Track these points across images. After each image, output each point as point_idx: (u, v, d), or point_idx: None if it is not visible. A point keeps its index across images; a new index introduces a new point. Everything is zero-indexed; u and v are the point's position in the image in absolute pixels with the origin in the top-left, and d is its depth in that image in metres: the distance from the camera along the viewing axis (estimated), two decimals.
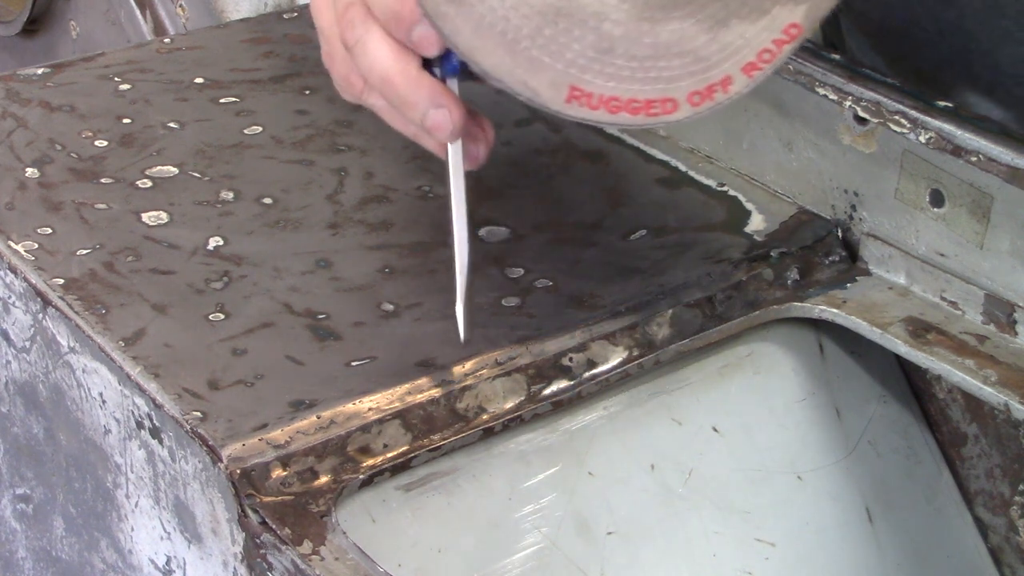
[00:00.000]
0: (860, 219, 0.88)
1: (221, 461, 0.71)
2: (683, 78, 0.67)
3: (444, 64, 0.72)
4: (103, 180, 0.91)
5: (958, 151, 0.80)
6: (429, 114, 0.72)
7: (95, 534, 0.84)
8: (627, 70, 0.67)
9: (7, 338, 0.86)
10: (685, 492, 0.83)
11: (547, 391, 0.78)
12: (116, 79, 1.02)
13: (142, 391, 0.75)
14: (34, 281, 0.82)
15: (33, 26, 1.71)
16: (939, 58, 0.84)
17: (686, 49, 0.66)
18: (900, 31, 0.91)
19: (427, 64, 0.72)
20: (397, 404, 0.75)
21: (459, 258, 0.75)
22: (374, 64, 0.72)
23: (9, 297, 0.85)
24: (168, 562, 0.78)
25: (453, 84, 0.73)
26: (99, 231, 0.86)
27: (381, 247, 0.86)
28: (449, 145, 0.74)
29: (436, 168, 0.94)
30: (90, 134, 0.96)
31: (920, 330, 0.82)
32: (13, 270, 0.83)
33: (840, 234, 0.89)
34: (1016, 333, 0.81)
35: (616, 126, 0.67)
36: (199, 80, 1.02)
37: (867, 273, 0.88)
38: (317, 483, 0.72)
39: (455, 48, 0.68)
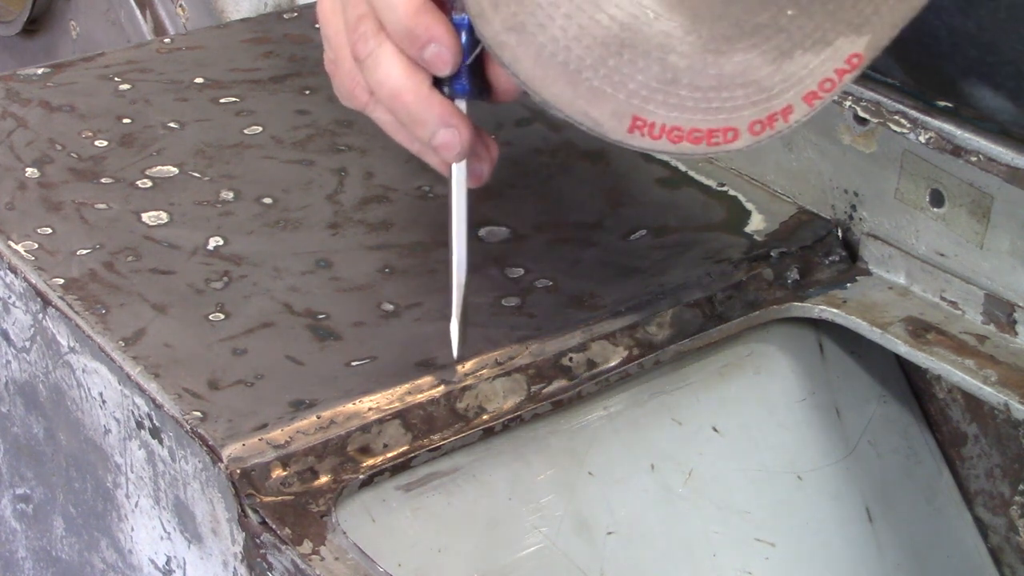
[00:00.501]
0: (860, 219, 0.88)
1: (221, 461, 0.71)
2: (746, 108, 0.67)
3: (454, 84, 0.72)
4: (103, 180, 0.91)
5: (958, 151, 0.80)
6: (439, 133, 0.72)
7: (95, 534, 0.84)
8: (690, 100, 0.66)
9: (7, 338, 0.86)
10: (685, 492, 0.83)
11: (547, 391, 0.78)
12: (116, 79, 1.02)
13: (142, 391, 0.75)
14: (34, 281, 0.82)
15: (33, 26, 1.71)
16: (958, 68, 0.84)
17: (750, 80, 0.66)
18: (917, 41, 0.91)
19: (439, 83, 0.72)
20: (397, 404, 0.75)
21: (456, 275, 0.75)
22: (385, 80, 0.72)
23: (9, 297, 0.85)
24: (168, 562, 0.78)
25: (462, 104, 0.73)
26: (99, 231, 0.86)
27: (381, 247, 0.86)
28: (454, 164, 0.74)
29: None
30: (90, 134, 0.96)
31: (920, 330, 0.82)
32: (13, 270, 0.83)
33: (840, 234, 0.89)
34: (1016, 333, 0.81)
35: (677, 155, 0.67)
36: (199, 80, 1.02)
37: (867, 273, 0.88)
38: (317, 483, 0.72)
39: (516, 77, 0.67)
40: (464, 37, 0.71)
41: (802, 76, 0.67)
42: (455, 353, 0.77)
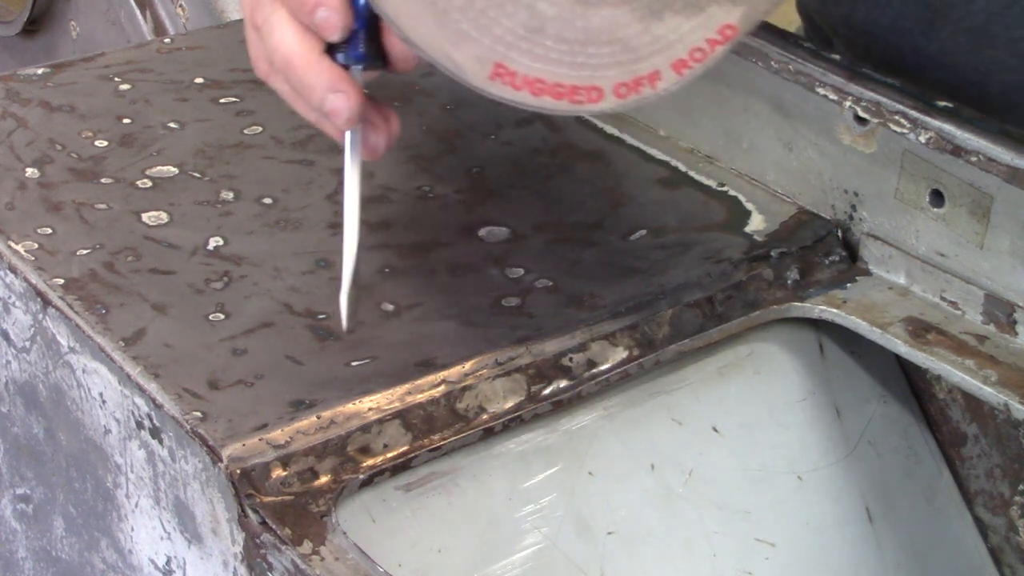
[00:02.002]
0: (860, 219, 0.88)
1: (221, 461, 0.71)
2: (611, 67, 0.66)
3: (349, 50, 0.71)
4: (103, 180, 0.91)
5: (958, 151, 0.80)
6: (327, 99, 0.71)
7: (95, 534, 0.84)
8: (555, 52, 0.66)
9: (7, 338, 0.86)
10: (685, 492, 0.83)
11: (547, 391, 0.78)
12: (116, 79, 1.02)
13: (142, 391, 0.75)
14: (34, 281, 0.82)
15: (33, 26, 1.71)
16: (924, 87, 0.85)
17: (617, 37, 0.65)
18: (884, 62, 0.91)
19: (333, 50, 0.72)
20: (397, 404, 0.75)
21: (347, 247, 0.75)
22: (278, 46, 0.71)
23: (9, 297, 0.85)
24: (168, 562, 0.78)
25: (357, 72, 0.72)
26: (99, 231, 0.86)
27: (381, 247, 0.86)
28: (347, 132, 0.74)
29: (436, 168, 0.94)
30: (90, 134, 0.96)
31: (920, 330, 0.82)
32: (13, 270, 0.83)
33: (840, 234, 0.89)
34: (1016, 333, 0.81)
35: (538, 110, 0.66)
36: (199, 80, 1.02)
37: (867, 273, 0.88)
38: (317, 483, 0.72)
39: (382, 13, 0.66)
40: (360, 3, 0.70)
41: (671, 41, 0.66)
42: (344, 325, 0.76)
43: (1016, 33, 0.86)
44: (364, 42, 0.71)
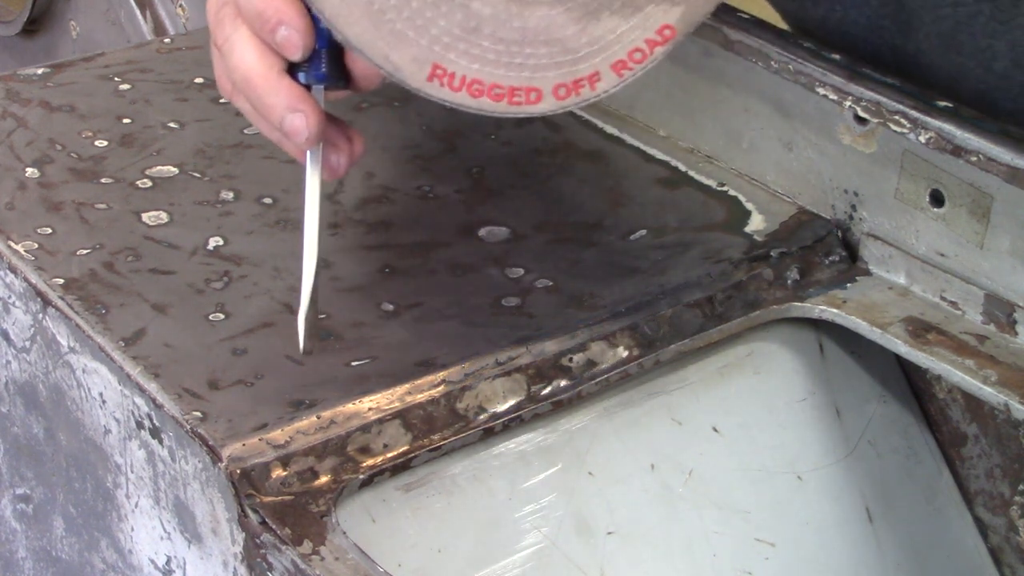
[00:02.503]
0: (860, 219, 0.88)
1: (221, 461, 0.71)
2: (549, 68, 0.66)
3: (310, 70, 0.71)
4: (103, 180, 0.91)
5: (958, 151, 0.80)
6: (286, 118, 0.71)
7: (95, 534, 0.84)
8: (492, 53, 0.65)
9: (7, 338, 0.86)
10: (685, 492, 0.83)
11: (547, 391, 0.78)
12: (116, 79, 1.02)
13: (142, 391, 0.75)
14: (34, 281, 0.82)
15: (33, 26, 1.71)
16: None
17: (554, 37, 0.65)
18: (862, 61, 0.91)
19: (294, 69, 0.71)
20: (397, 404, 0.75)
21: (306, 267, 0.74)
22: (238, 65, 0.71)
23: (9, 297, 0.85)
24: (168, 562, 0.78)
25: (319, 92, 0.71)
26: (99, 231, 0.86)
27: (381, 247, 0.86)
28: (308, 152, 0.73)
29: (436, 168, 0.94)
30: (90, 134, 0.96)
31: (920, 330, 0.82)
32: (13, 270, 0.83)
33: (840, 234, 0.89)
34: (1016, 333, 0.81)
35: (476, 111, 0.65)
36: (199, 80, 1.02)
37: (867, 273, 0.88)
38: (317, 483, 0.72)
39: (320, 15, 0.66)
40: (323, 23, 0.69)
41: (610, 41, 0.65)
42: (301, 347, 0.74)
43: (982, 43, 0.86)
44: (326, 61, 0.71)
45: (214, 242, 0.86)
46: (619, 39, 0.65)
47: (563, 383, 0.79)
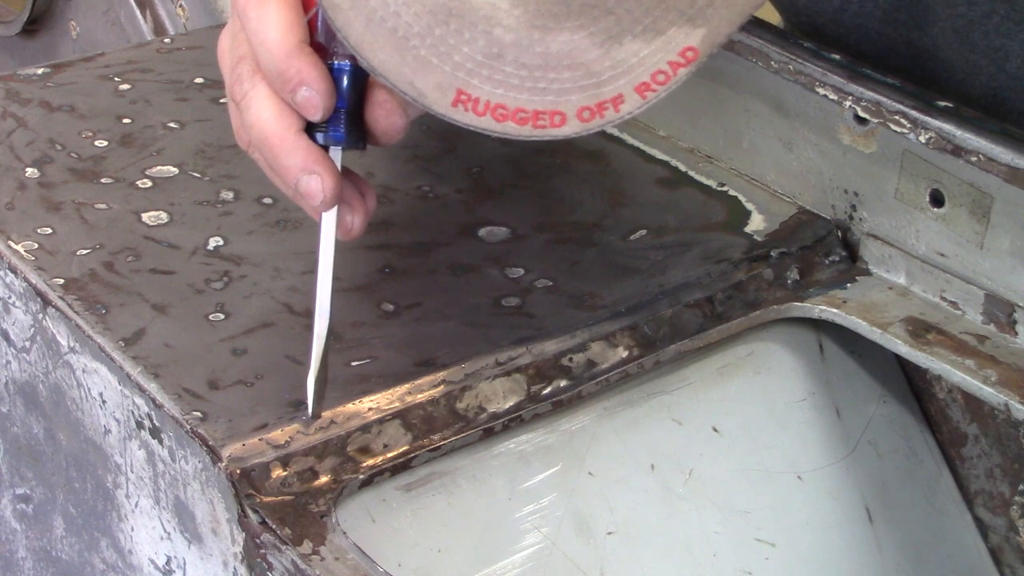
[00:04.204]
0: (860, 219, 0.88)
1: (221, 461, 0.71)
2: (573, 92, 0.66)
3: (329, 130, 0.70)
4: (103, 180, 0.91)
5: (958, 151, 0.80)
6: (301, 180, 0.70)
7: (95, 534, 0.84)
8: (516, 78, 0.66)
9: (7, 338, 0.86)
10: (685, 492, 0.83)
11: (547, 391, 0.78)
12: (116, 79, 1.02)
13: (142, 391, 0.75)
14: (34, 281, 0.82)
15: (33, 26, 1.71)
16: (917, 82, 0.85)
17: (577, 62, 0.65)
18: (875, 56, 0.92)
19: (312, 128, 0.70)
20: (397, 404, 0.75)
21: (317, 329, 0.72)
22: (255, 123, 0.70)
23: (9, 297, 0.85)
24: (168, 562, 0.78)
25: (336, 153, 0.71)
26: (99, 231, 0.86)
27: (381, 247, 0.86)
28: (324, 213, 0.72)
29: (436, 168, 0.94)
30: (90, 134, 0.96)
31: (920, 330, 0.82)
32: (13, 270, 0.83)
33: (840, 234, 0.89)
34: (1016, 333, 0.81)
35: (501, 135, 0.66)
36: (199, 80, 1.02)
37: (867, 273, 0.88)
38: (317, 483, 0.72)
39: (345, 42, 0.66)
40: (344, 83, 0.69)
41: (633, 64, 0.66)
42: (310, 410, 0.73)
43: (996, 42, 0.86)
44: (345, 123, 0.70)
45: (214, 242, 0.86)
46: (642, 62, 0.66)
47: (563, 383, 0.79)
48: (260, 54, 0.69)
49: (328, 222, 0.72)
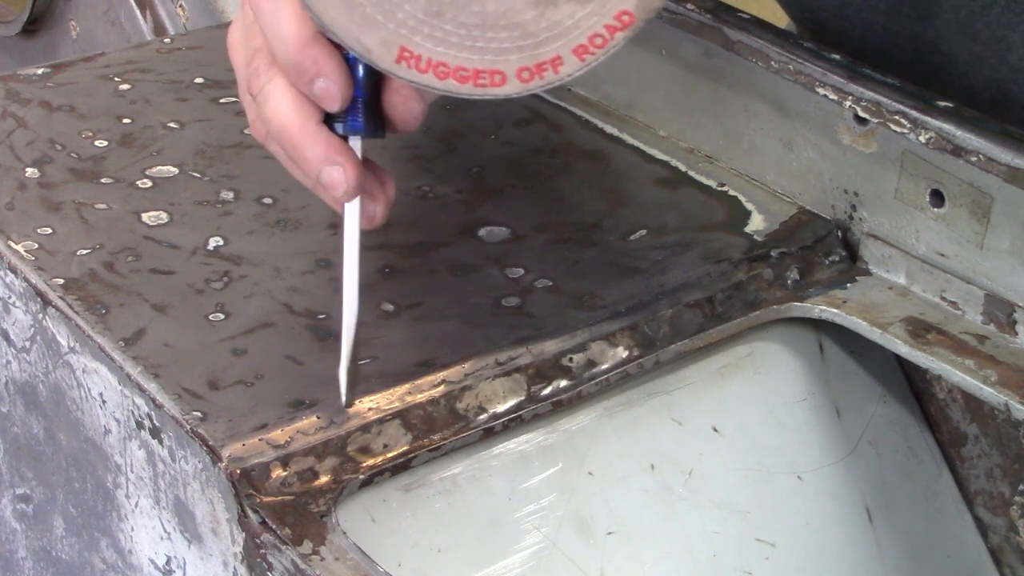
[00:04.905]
0: (860, 219, 0.88)
1: (221, 461, 0.71)
2: (512, 52, 0.67)
3: (348, 120, 0.71)
4: (103, 180, 0.91)
5: (958, 151, 0.80)
6: (323, 171, 0.71)
7: (95, 534, 0.84)
8: (455, 36, 0.67)
9: (7, 338, 0.86)
10: (685, 492, 0.83)
11: (547, 391, 0.78)
12: (116, 79, 1.02)
13: (142, 391, 0.75)
14: (34, 281, 0.82)
15: (33, 26, 1.71)
16: (917, 78, 0.85)
17: (513, 22, 0.67)
18: (879, 50, 0.92)
19: (330, 119, 0.71)
20: (397, 404, 0.75)
21: (346, 318, 0.73)
22: (273, 115, 0.71)
23: (9, 297, 0.85)
24: (168, 562, 0.78)
25: (356, 142, 0.71)
26: (99, 231, 0.86)
27: (381, 247, 0.86)
28: (346, 204, 0.73)
29: (436, 168, 0.94)
30: (90, 134, 0.96)
31: (920, 330, 0.82)
32: (13, 270, 0.83)
33: (840, 234, 0.89)
34: (1016, 333, 0.81)
35: (444, 93, 0.68)
36: (199, 80, 1.02)
37: (867, 273, 0.88)
38: (317, 483, 0.72)
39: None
40: (360, 72, 0.70)
41: (569, 27, 0.67)
42: (343, 400, 0.74)
43: (998, 32, 0.86)
44: (363, 111, 0.71)
45: (214, 242, 0.86)
46: (577, 24, 0.67)
47: (563, 383, 0.79)
48: (275, 46, 0.70)
49: (351, 212, 0.73)
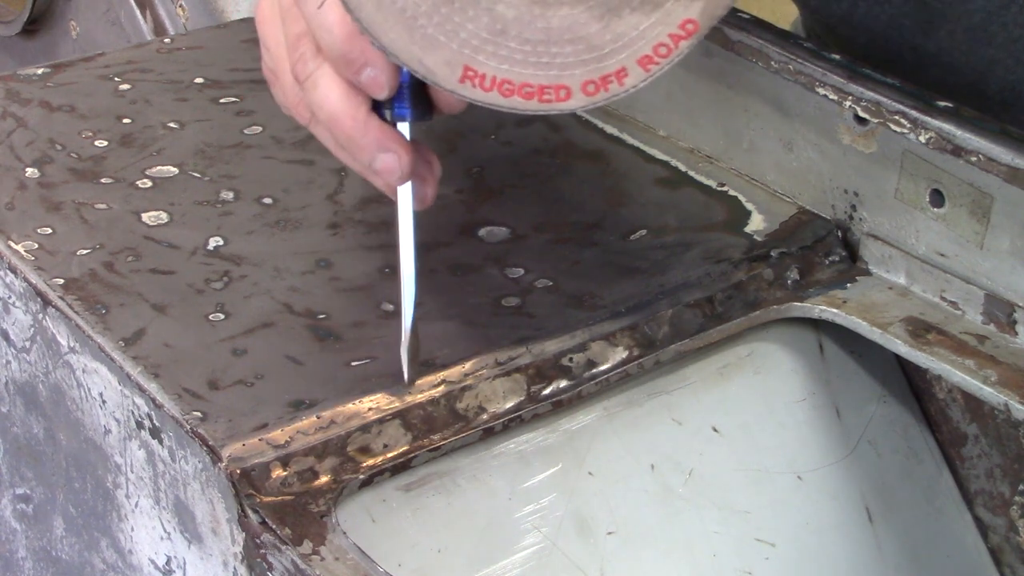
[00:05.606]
0: (860, 219, 0.88)
1: (221, 461, 0.71)
2: (576, 66, 0.67)
3: (395, 107, 0.72)
4: (103, 180, 0.91)
5: (958, 151, 0.80)
6: (377, 158, 0.72)
7: (95, 534, 0.84)
8: (520, 53, 0.67)
9: (7, 338, 0.86)
10: (685, 492, 0.83)
11: (547, 391, 0.78)
12: (116, 79, 1.02)
13: (142, 391, 0.75)
14: (34, 281, 0.82)
15: (33, 26, 1.71)
16: (922, 85, 0.85)
17: (578, 36, 0.67)
18: (883, 59, 0.92)
19: (378, 106, 0.72)
20: (397, 404, 0.75)
21: (406, 300, 0.75)
22: (323, 103, 0.72)
23: (9, 297, 0.85)
24: (168, 562, 0.78)
25: (404, 127, 0.73)
26: (99, 231, 0.86)
27: (381, 247, 0.86)
28: (398, 188, 0.74)
29: None
30: (90, 134, 0.96)
31: (920, 330, 0.82)
32: (13, 270, 0.83)
33: (840, 234, 0.89)
34: (1016, 333, 0.81)
35: (509, 110, 0.68)
36: (199, 80, 1.02)
37: (867, 273, 0.88)
38: (317, 483, 0.72)
39: (358, 23, 0.68)
40: None
41: (633, 38, 0.67)
42: (406, 377, 0.75)
43: (1015, 33, 0.87)
44: (409, 97, 0.72)
45: (214, 242, 0.86)
46: (642, 35, 0.67)
47: (563, 383, 0.79)
48: (321, 36, 0.71)
49: (404, 195, 0.74)
